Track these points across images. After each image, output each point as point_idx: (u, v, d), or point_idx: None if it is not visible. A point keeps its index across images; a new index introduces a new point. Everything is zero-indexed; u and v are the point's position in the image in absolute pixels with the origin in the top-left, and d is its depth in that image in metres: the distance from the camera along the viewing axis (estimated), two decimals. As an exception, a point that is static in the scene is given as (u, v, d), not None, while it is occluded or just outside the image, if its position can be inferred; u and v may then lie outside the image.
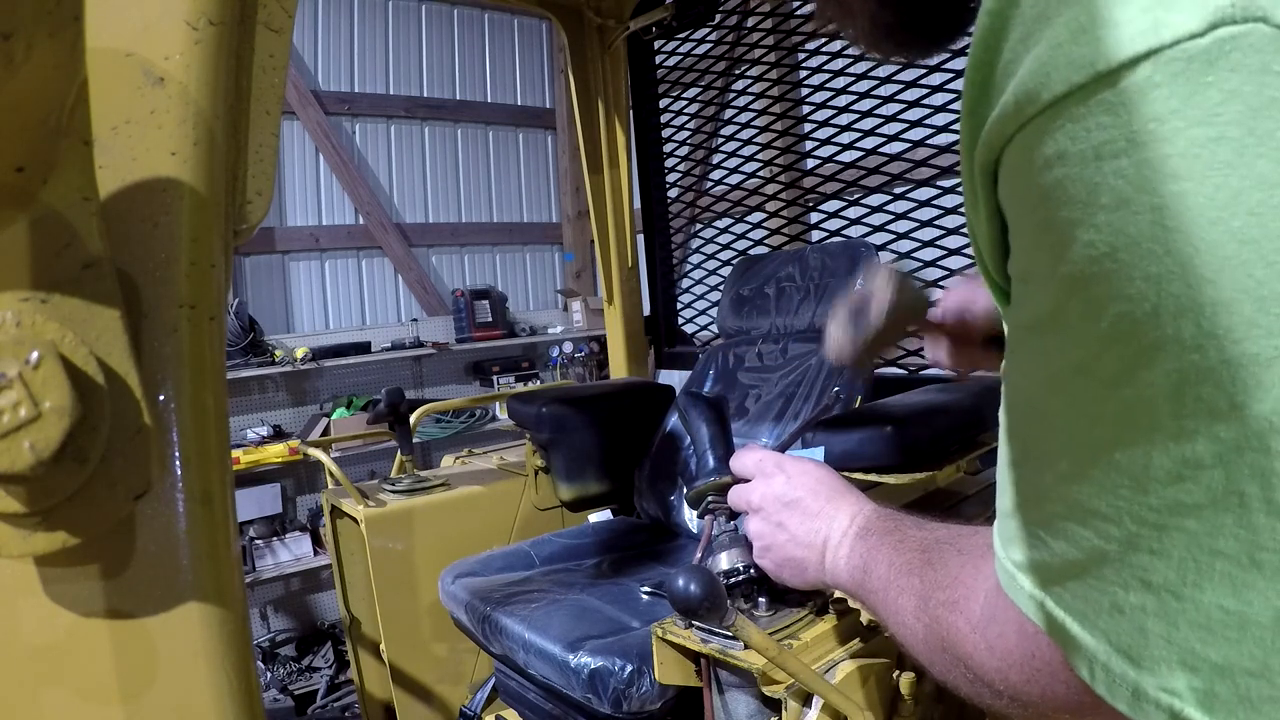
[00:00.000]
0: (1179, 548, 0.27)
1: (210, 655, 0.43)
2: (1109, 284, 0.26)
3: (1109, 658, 0.30)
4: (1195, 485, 0.25)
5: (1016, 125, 0.28)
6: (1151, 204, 0.24)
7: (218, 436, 0.45)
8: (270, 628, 3.66)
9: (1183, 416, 0.25)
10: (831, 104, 2.17)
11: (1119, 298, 0.26)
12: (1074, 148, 0.26)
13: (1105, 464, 0.28)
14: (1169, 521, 0.27)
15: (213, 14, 0.46)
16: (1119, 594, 0.29)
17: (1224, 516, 0.25)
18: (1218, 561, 0.26)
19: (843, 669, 0.99)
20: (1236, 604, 0.26)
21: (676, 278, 2.64)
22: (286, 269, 3.92)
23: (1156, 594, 0.28)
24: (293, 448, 3.38)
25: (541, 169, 4.78)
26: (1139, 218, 0.24)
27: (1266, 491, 0.24)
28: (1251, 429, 0.24)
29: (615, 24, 2.26)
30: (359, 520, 1.78)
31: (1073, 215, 0.26)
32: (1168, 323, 0.25)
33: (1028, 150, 0.27)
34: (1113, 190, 0.25)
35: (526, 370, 4.34)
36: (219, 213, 0.47)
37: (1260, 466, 0.24)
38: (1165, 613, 0.28)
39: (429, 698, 1.85)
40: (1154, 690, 0.29)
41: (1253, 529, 0.25)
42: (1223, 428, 0.24)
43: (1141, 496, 0.27)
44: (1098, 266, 0.26)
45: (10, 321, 0.34)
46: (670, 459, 1.89)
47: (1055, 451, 0.31)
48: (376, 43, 4.13)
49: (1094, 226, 0.26)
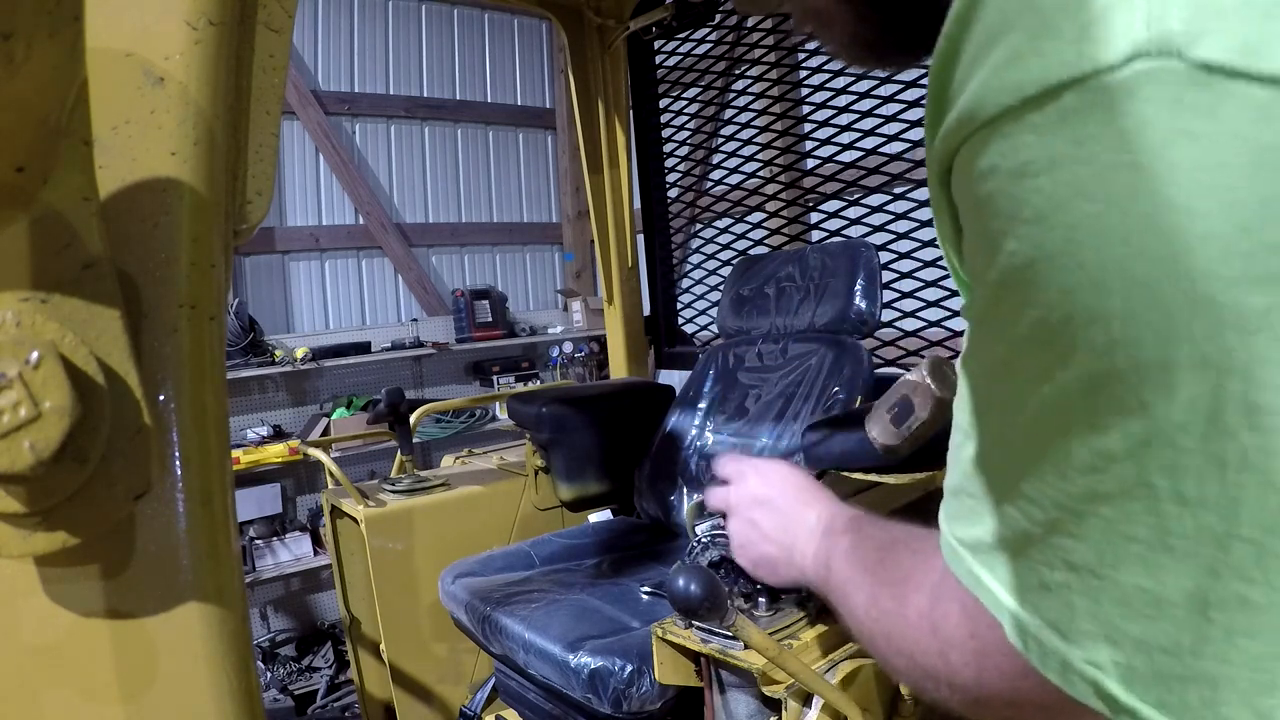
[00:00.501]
0: (1096, 532, 0.28)
1: (210, 655, 0.43)
2: (1028, 291, 0.28)
3: (1039, 630, 0.32)
4: (1108, 476, 0.27)
5: (960, 139, 0.30)
6: (1066, 221, 0.26)
7: (218, 436, 0.46)
8: (270, 628, 3.66)
9: (1096, 413, 0.27)
10: (831, 104, 2.18)
11: (1036, 304, 0.28)
12: (1004, 164, 0.28)
13: (1031, 452, 0.30)
14: (1086, 508, 0.28)
15: (213, 14, 0.46)
16: (1045, 572, 0.31)
17: (1135, 505, 0.27)
18: (1132, 545, 0.27)
19: (843, 669, 0.99)
20: (1152, 584, 0.27)
21: (676, 278, 2.64)
22: (286, 269, 3.92)
23: (1079, 573, 0.29)
24: (293, 448, 3.38)
25: (541, 169, 4.78)
26: (1054, 234, 0.26)
27: (1174, 484, 0.26)
28: (1159, 427, 0.26)
29: (615, 24, 2.26)
30: (359, 520, 1.78)
31: (1000, 226, 0.28)
32: (1079, 330, 0.26)
33: (969, 163, 0.30)
34: (1033, 206, 0.27)
35: (526, 370, 4.34)
36: (219, 213, 0.47)
37: (1168, 461, 0.26)
38: (1088, 590, 0.29)
39: (429, 698, 1.85)
40: (1080, 663, 0.30)
41: (1162, 516, 0.26)
42: (1134, 423, 0.26)
43: (1062, 483, 0.29)
44: (1019, 275, 0.28)
45: (10, 321, 0.34)
46: (670, 459, 1.89)
47: (990, 435, 0.34)
48: (376, 43, 4.13)
49: (1016, 238, 0.28)
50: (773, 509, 0.74)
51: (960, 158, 0.30)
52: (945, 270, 2.04)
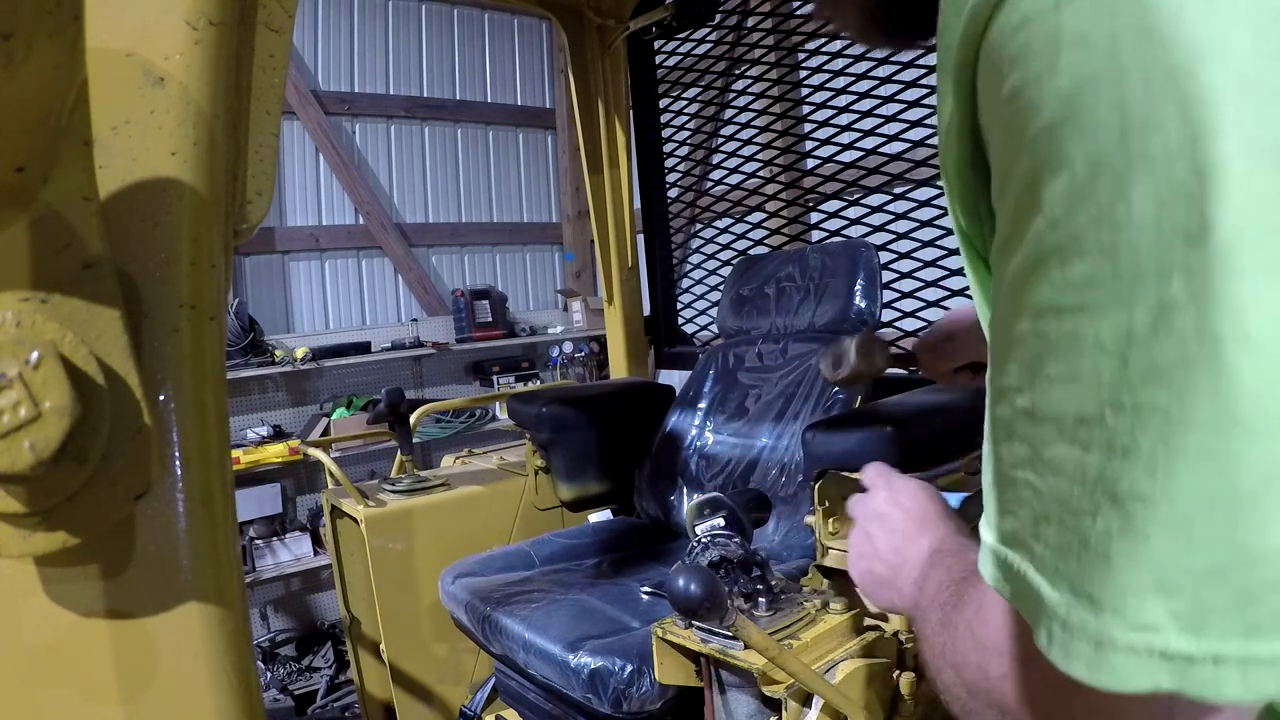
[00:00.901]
0: (1151, 430, 0.26)
1: (210, 655, 0.43)
2: (1078, 121, 0.27)
3: (1069, 610, 0.28)
4: (1170, 337, 0.25)
5: (989, 9, 0.30)
6: (1108, 30, 0.26)
7: (218, 436, 0.45)
8: (270, 628, 3.66)
9: (1162, 247, 0.25)
10: (831, 104, 2.17)
11: (1091, 129, 0.26)
12: (1037, 7, 0.28)
13: (1088, 342, 0.27)
14: (1143, 398, 0.26)
15: (213, 14, 0.46)
16: (1086, 523, 0.28)
17: (1199, 375, 0.25)
18: (1191, 435, 0.25)
19: (843, 669, 0.99)
20: (1220, 482, 0.25)
21: (676, 278, 2.64)
22: (286, 269, 3.92)
23: (1122, 507, 0.27)
24: (293, 448, 3.38)
25: (541, 169, 4.78)
26: (1097, 47, 0.26)
27: (1237, 326, 0.24)
28: (1219, 248, 0.24)
29: (615, 24, 2.26)
30: (359, 520, 1.78)
31: (1040, 68, 0.28)
32: (1136, 143, 0.25)
33: (1001, 29, 0.30)
34: (1072, 30, 0.27)
35: (526, 370, 4.34)
36: (219, 213, 0.47)
37: (1230, 295, 0.24)
38: (1132, 527, 0.26)
39: (429, 698, 1.85)
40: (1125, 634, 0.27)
41: (1230, 379, 0.24)
42: (1196, 254, 0.24)
43: (1122, 370, 0.26)
44: (1067, 107, 0.27)
45: (10, 321, 0.34)
46: (670, 459, 1.89)
47: (1030, 367, 0.30)
48: (376, 43, 4.13)
49: (1058, 71, 0.27)
50: (891, 529, 0.69)
51: (995, 25, 0.30)
52: (945, 270, 2.05)
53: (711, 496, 1.10)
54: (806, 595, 1.13)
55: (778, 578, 1.13)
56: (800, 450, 1.27)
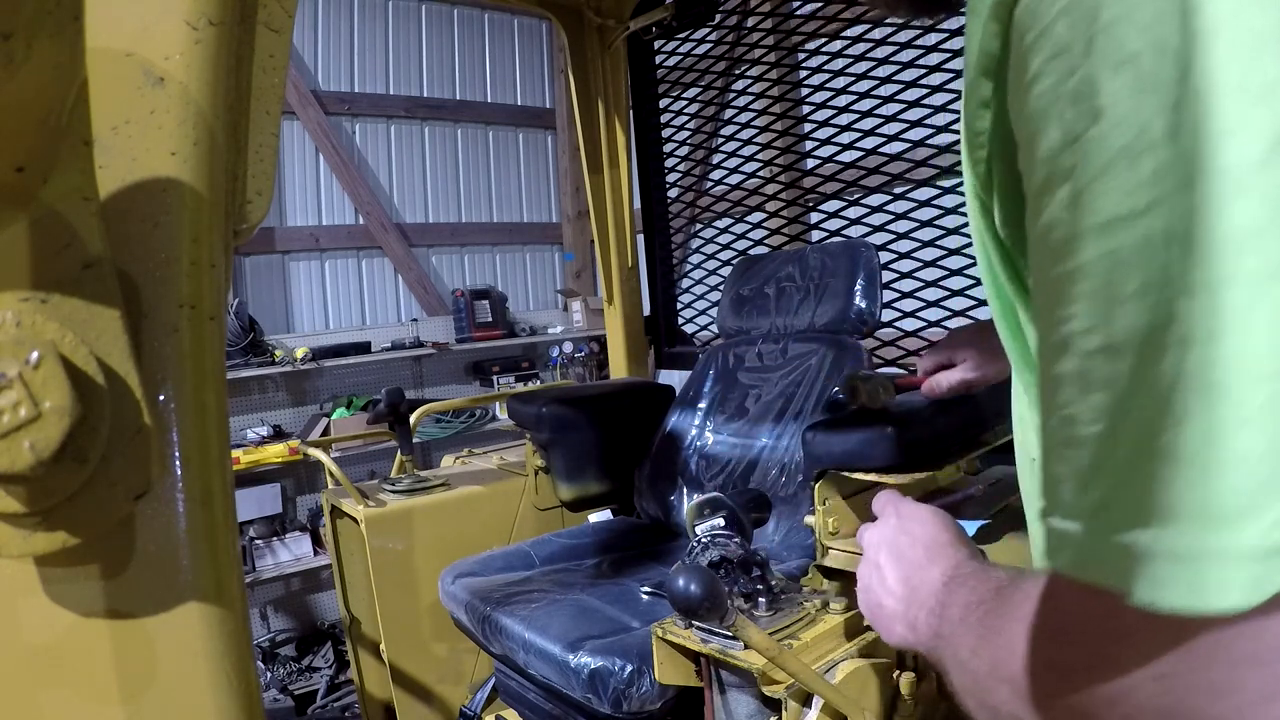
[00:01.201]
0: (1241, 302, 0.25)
1: (210, 655, 0.43)
2: (1141, 13, 0.27)
3: (1183, 538, 0.27)
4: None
5: None
6: None
7: (218, 436, 0.45)
8: (270, 628, 3.66)
9: (1248, 90, 0.26)
10: (831, 104, 2.18)
11: (1155, 18, 0.27)
12: None
13: (1159, 242, 0.27)
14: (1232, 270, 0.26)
15: (213, 14, 0.46)
16: (1171, 430, 0.27)
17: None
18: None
19: (843, 669, 0.99)
20: None
21: (676, 278, 2.64)
22: (286, 269, 3.92)
23: (1223, 395, 0.26)
24: (293, 448, 3.38)
25: (541, 169, 4.78)
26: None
27: None
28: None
29: (615, 24, 2.26)
30: (359, 520, 1.78)
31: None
32: (1194, 19, 0.26)
33: None
34: None
35: (526, 370, 4.34)
36: (219, 213, 0.47)
37: None
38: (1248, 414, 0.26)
39: (429, 698, 1.85)
40: (1253, 539, 0.26)
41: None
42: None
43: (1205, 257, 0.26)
44: (1126, 4, 0.28)
45: (10, 321, 0.34)
46: (670, 459, 1.89)
47: (1102, 296, 0.29)
48: (376, 43, 4.13)
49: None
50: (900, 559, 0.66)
51: None
52: (945, 270, 2.05)
53: (711, 496, 1.10)
54: (806, 595, 1.13)
55: (778, 578, 1.13)
56: (800, 450, 1.27)
